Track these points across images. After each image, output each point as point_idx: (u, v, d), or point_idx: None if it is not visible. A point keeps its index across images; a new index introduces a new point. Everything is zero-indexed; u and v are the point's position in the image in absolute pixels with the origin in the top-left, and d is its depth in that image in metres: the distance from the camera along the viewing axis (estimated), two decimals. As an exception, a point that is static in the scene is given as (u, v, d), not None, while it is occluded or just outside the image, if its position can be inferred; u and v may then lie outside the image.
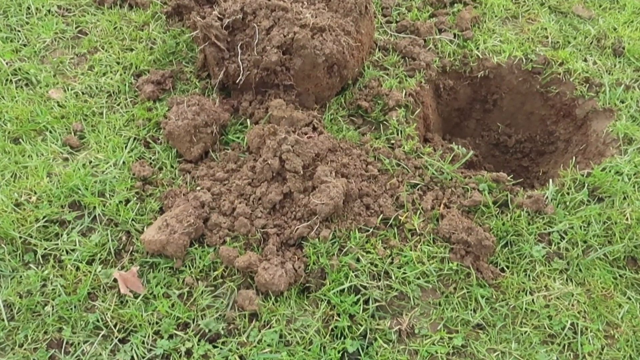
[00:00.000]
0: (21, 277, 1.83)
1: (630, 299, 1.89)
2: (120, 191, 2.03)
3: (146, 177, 2.08)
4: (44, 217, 1.95)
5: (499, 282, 1.88)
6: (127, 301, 1.78)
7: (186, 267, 1.86)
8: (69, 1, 2.76)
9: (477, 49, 2.68)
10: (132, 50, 2.56)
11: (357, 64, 2.39)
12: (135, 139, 2.22)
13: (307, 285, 1.84)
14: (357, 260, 1.87)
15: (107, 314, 1.75)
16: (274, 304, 1.78)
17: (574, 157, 2.36)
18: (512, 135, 2.85)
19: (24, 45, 2.57)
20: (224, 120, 2.23)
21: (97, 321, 1.74)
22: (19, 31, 2.62)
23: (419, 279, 1.86)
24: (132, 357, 1.68)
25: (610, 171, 2.16)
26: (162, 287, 1.81)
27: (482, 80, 2.70)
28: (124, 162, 2.13)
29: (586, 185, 2.13)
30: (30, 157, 2.13)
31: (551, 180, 2.15)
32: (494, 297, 1.85)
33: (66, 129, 2.24)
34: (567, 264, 1.94)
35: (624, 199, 2.08)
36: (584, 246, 1.98)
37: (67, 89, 2.38)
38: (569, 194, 2.11)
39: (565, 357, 1.75)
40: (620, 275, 1.94)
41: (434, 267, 1.87)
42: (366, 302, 1.80)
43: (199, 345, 1.70)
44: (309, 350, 1.69)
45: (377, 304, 1.80)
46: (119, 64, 2.49)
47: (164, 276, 1.84)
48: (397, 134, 2.28)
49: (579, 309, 1.84)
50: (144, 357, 1.68)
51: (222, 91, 2.37)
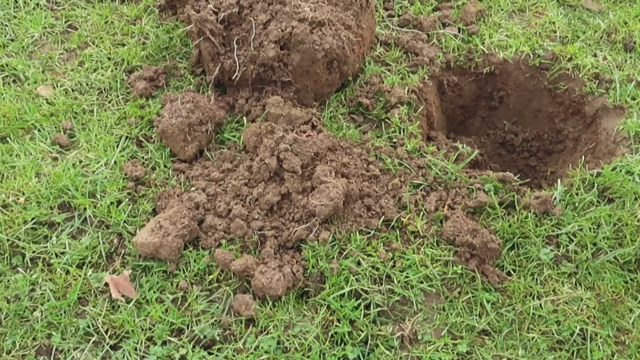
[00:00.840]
0: (9, 281, 1.83)
1: (641, 304, 1.90)
2: (111, 192, 2.03)
3: (138, 177, 2.08)
4: (33, 219, 1.95)
5: (505, 286, 1.88)
6: (118, 306, 1.79)
7: (180, 270, 1.87)
8: (58, -6, 2.77)
9: (483, 43, 2.68)
10: (123, 45, 2.56)
11: (357, 60, 2.40)
12: (127, 137, 2.22)
13: (306, 289, 1.84)
14: (358, 263, 1.88)
15: (98, 320, 1.76)
16: (271, 309, 1.78)
17: (583, 156, 2.37)
18: (519, 133, 2.85)
19: (12, 40, 2.57)
20: (219, 118, 2.23)
21: (88, 327, 1.75)
22: (6, 26, 2.62)
23: (422, 283, 1.86)
24: (124, 364, 1.69)
25: (620, 171, 2.16)
26: (155, 292, 1.82)
27: (487, 76, 2.71)
28: (115, 162, 2.13)
29: (596, 185, 2.13)
30: (18, 157, 2.13)
31: (559, 180, 2.15)
32: (500, 301, 1.85)
33: (55, 127, 2.25)
34: (576, 267, 1.95)
35: (635, 199, 2.08)
36: (594, 249, 1.99)
37: (57, 86, 2.39)
38: (577, 194, 2.11)
39: (574, 364, 1.76)
40: (631, 279, 1.95)
41: (438, 271, 1.88)
42: (367, 307, 1.81)
43: (193, 352, 1.70)
44: (308, 357, 1.70)
45: (379, 309, 1.81)
46: (110, 59, 2.50)
47: (157, 280, 1.84)
48: (400, 132, 2.29)
49: (589, 314, 1.84)
50: (136, 365, 1.69)
51: (218, 88, 2.38)
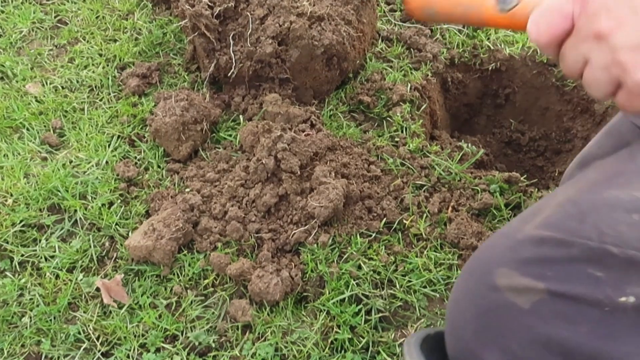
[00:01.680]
0: (-4, 286, 1.84)
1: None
2: (103, 193, 2.03)
3: (131, 178, 2.09)
4: (21, 222, 1.96)
5: (511, 291, 1.88)
6: (110, 312, 1.79)
7: (174, 275, 1.87)
8: (48, -12, 2.77)
9: (488, 39, 2.69)
10: (115, 41, 2.57)
11: (358, 56, 2.40)
12: (119, 136, 2.22)
13: (305, 294, 1.84)
14: (359, 267, 1.88)
15: (89, 326, 1.76)
16: (268, 314, 1.78)
17: (592, 156, 2.37)
18: (526, 132, 2.85)
19: (-1, 35, 2.58)
20: (214, 116, 2.23)
21: (79, 333, 1.75)
22: (-6, 20, 2.63)
23: (425, 287, 1.86)
24: (116, 372, 1.69)
25: (631, 171, 2.16)
26: (148, 297, 1.82)
27: (493, 73, 2.71)
28: (107, 162, 2.14)
29: (605, 186, 2.13)
30: (5, 157, 2.14)
31: (567, 180, 2.16)
32: (506, 306, 1.85)
33: (45, 126, 2.25)
34: (585, 271, 1.95)
35: (646, 201, 2.08)
36: (603, 252, 1.98)
37: (46, 83, 2.39)
38: (586, 195, 2.11)
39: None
40: None
41: (442, 275, 1.88)
42: (368, 312, 1.81)
43: (188, 359, 1.70)
44: (307, 364, 1.70)
45: (380, 315, 1.81)
46: (101, 55, 2.50)
47: (151, 285, 1.84)
48: (402, 131, 2.29)
49: (598, 320, 1.84)
50: (128, 372, 1.69)
51: (213, 85, 2.38)
